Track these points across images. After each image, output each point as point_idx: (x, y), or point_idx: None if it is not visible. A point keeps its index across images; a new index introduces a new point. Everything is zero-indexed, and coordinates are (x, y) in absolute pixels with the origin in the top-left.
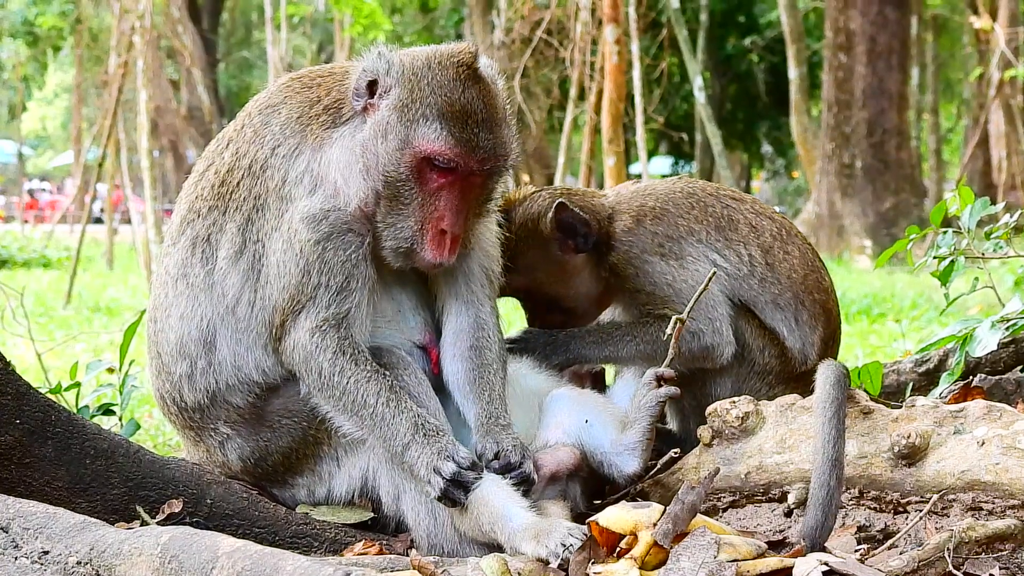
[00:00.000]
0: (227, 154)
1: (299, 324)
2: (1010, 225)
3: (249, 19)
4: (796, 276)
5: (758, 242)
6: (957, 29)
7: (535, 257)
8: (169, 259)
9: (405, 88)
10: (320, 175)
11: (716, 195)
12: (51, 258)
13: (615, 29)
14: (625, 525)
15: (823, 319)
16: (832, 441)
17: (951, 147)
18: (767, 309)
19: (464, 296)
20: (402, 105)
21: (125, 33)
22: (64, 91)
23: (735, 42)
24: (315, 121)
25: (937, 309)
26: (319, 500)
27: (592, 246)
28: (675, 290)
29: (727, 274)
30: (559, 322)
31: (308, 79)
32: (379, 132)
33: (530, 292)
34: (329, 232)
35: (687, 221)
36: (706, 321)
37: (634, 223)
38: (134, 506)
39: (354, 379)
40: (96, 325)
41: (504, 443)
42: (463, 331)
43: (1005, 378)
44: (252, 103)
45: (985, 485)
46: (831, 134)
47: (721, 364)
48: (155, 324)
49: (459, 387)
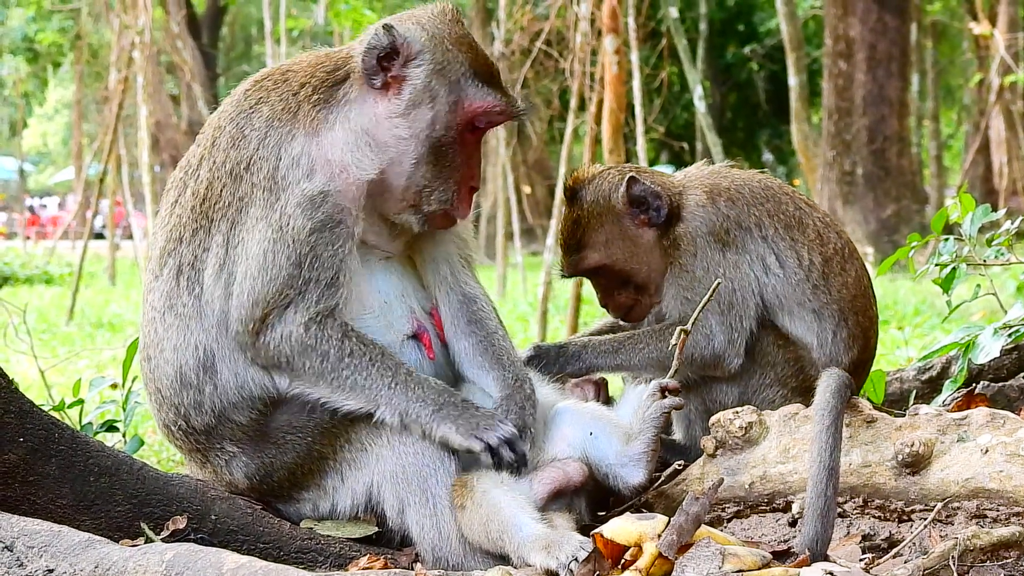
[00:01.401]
0: (202, 171)
1: (287, 319)
2: (1011, 232)
3: (249, 33)
4: (846, 294)
5: (821, 251)
6: (957, 35)
7: (609, 233)
8: (153, 294)
9: (437, 50)
10: (318, 158)
11: (791, 196)
12: (53, 274)
13: (615, 39)
14: (630, 537)
15: (860, 344)
16: (828, 449)
17: (952, 153)
18: (807, 316)
19: (449, 281)
20: (439, 68)
21: (125, 49)
22: (65, 107)
23: (735, 51)
24: (306, 104)
25: (939, 316)
26: (324, 515)
27: (664, 220)
28: (720, 287)
29: (779, 276)
30: (630, 300)
31: (276, 76)
32: (422, 98)
33: (604, 269)
34: (324, 221)
35: (759, 212)
36: (726, 329)
37: (708, 199)
38: (138, 523)
39: (369, 356)
40: (99, 341)
41: (527, 418)
42: (457, 311)
43: (1008, 385)
44: (215, 119)
45: (989, 493)
46: (832, 141)
47: (728, 373)
48: (150, 362)
49: (471, 362)
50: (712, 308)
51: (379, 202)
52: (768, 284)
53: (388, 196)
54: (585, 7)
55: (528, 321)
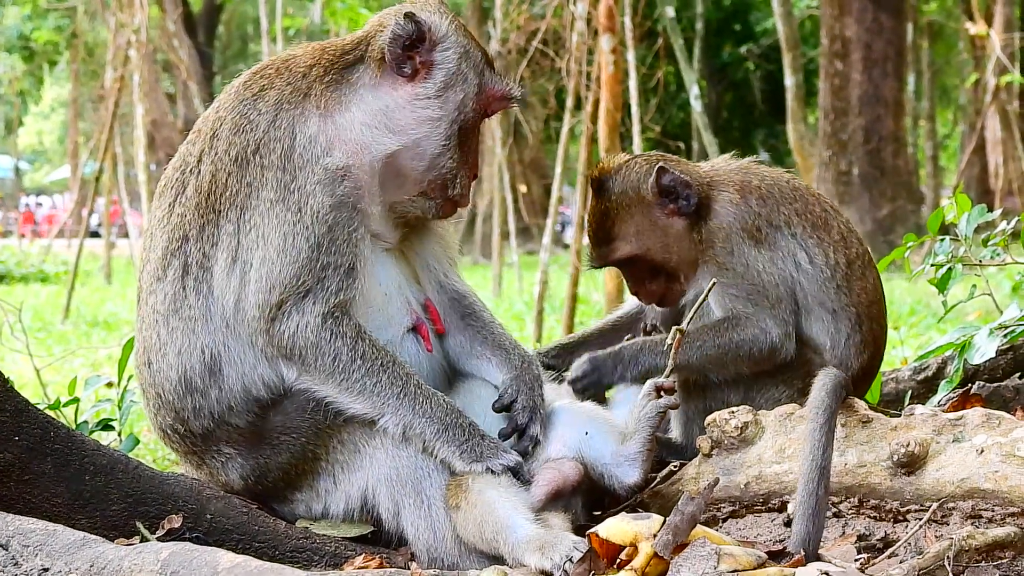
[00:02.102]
0: (204, 165)
1: (304, 308)
2: (1007, 232)
3: (245, 32)
4: (864, 299)
5: (845, 252)
6: (952, 35)
7: (639, 224)
8: (155, 296)
9: (460, 35)
10: (335, 137)
11: (817, 198)
12: (49, 273)
13: (611, 39)
14: (625, 536)
15: (870, 350)
16: (821, 448)
17: (948, 153)
18: (826, 316)
19: (440, 278)
20: (465, 52)
21: (121, 47)
22: (60, 105)
23: (731, 50)
24: (318, 84)
25: (935, 315)
26: (318, 515)
27: (694, 210)
28: (762, 281)
29: (808, 273)
30: (661, 288)
31: (278, 64)
32: (455, 81)
33: (635, 259)
34: (343, 198)
35: (788, 211)
36: (780, 323)
37: (740, 197)
38: (134, 522)
39: (380, 362)
40: (94, 339)
41: (537, 399)
42: (449, 308)
43: (1003, 385)
44: (212, 112)
45: (984, 493)
46: (828, 141)
47: (778, 364)
48: (150, 367)
49: (469, 352)
50: (762, 303)
51: (391, 187)
52: (799, 280)
53: (403, 180)
54: (581, 6)
55: (524, 320)
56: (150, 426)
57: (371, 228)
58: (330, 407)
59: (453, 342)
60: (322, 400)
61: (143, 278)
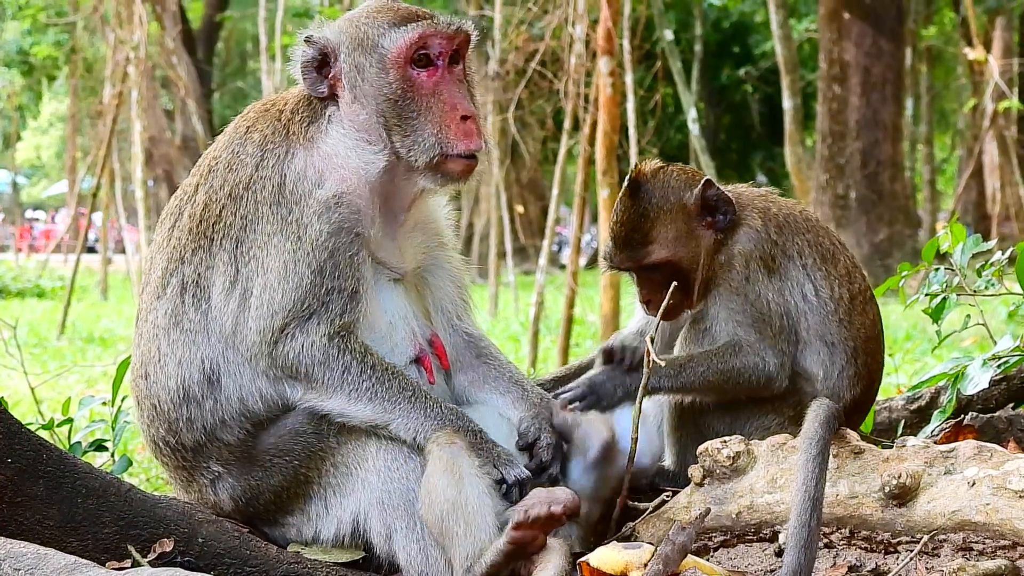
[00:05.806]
0: (199, 196)
1: (309, 329)
2: (1002, 262)
3: (244, 49)
4: (863, 334)
5: (849, 287)
6: (951, 60)
7: (679, 230)
8: (156, 313)
9: (351, 32)
10: (323, 168)
11: (827, 232)
12: (45, 288)
13: (609, 61)
14: (616, 565)
15: (864, 384)
16: (814, 479)
17: (945, 178)
18: (822, 349)
19: (453, 319)
20: (356, 44)
21: (120, 63)
22: (59, 120)
23: (729, 73)
24: (294, 123)
25: (930, 342)
26: (309, 539)
27: (727, 228)
28: (769, 310)
29: (813, 305)
30: (675, 300)
31: (258, 108)
32: (355, 78)
33: (666, 265)
34: (340, 223)
35: (801, 242)
36: (778, 353)
37: (761, 224)
38: (125, 545)
39: (390, 371)
40: (90, 356)
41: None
42: (463, 348)
43: (996, 416)
44: (210, 152)
45: (976, 525)
46: (825, 165)
47: (774, 394)
48: (147, 379)
49: (482, 386)
50: (765, 332)
51: (391, 190)
52: (804, 311)
53: (395, 175)
54: (580, 28)
55: (520, 341)
56: (143, 444)
57: (373, 253)
58: (332, 422)
59: (464, 377)
60: (324, 416)
61: (143, 299)
